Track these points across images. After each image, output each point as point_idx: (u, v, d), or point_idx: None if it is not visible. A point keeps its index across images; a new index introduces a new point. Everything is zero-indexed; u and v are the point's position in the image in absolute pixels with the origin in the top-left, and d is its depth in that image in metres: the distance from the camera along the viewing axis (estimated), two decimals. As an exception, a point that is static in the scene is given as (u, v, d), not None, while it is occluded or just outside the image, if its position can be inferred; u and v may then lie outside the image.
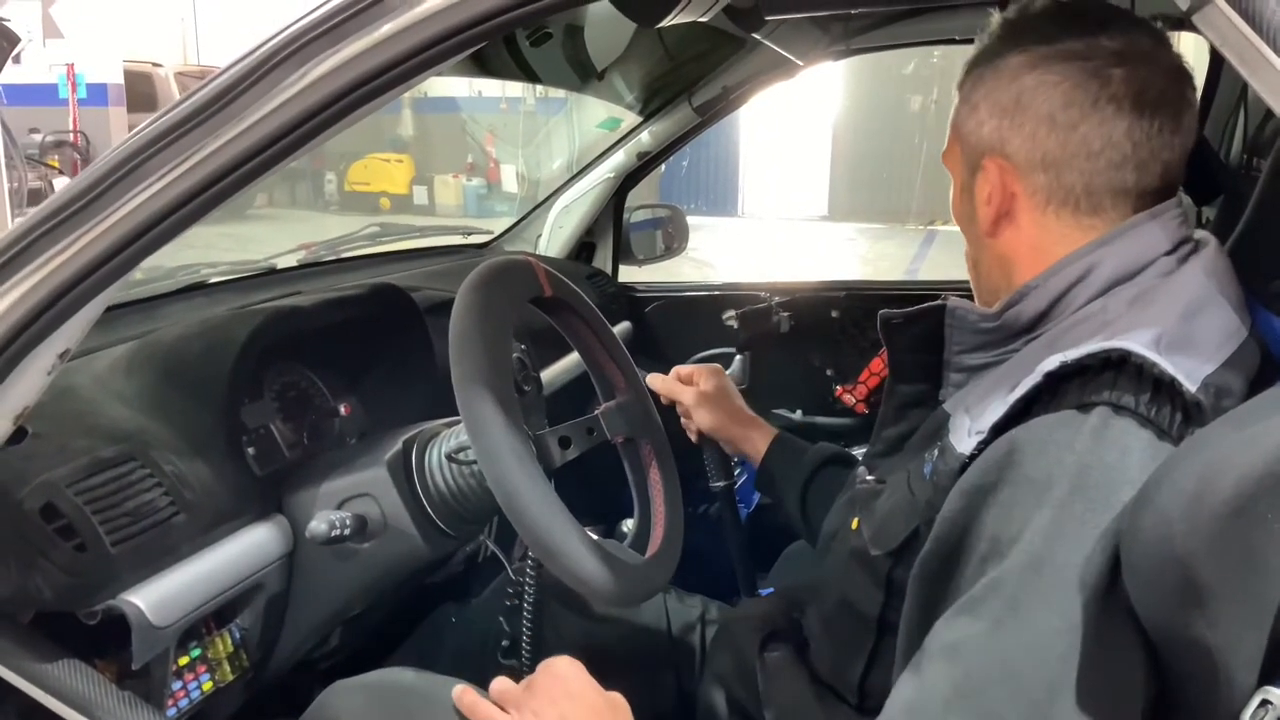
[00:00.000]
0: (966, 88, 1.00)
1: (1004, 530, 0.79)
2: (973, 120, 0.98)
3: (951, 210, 1.08)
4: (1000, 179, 0.96)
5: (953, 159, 1.05)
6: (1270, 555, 0.70)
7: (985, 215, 0.98)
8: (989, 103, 0.96)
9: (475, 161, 15.16)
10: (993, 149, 0.96)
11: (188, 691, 1.14)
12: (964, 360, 1.00)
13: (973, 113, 0.98)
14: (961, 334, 0.99)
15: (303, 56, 0.89)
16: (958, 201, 1.05)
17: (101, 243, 0.92)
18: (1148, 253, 0.91)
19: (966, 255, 1.08)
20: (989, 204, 0.97)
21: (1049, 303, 0.92)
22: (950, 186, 1.07)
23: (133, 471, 1.09)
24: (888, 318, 1.06)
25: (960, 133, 1.01)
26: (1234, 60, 0.75)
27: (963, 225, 1.05)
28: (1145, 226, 0.92)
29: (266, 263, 1.96)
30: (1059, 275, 0.92)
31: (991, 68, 0.96)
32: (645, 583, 1.16)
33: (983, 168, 0.97)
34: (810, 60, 2.02)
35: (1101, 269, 0.90)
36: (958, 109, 1.01)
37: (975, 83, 0.98)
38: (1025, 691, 0.74)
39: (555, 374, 2.03)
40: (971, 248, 1.05)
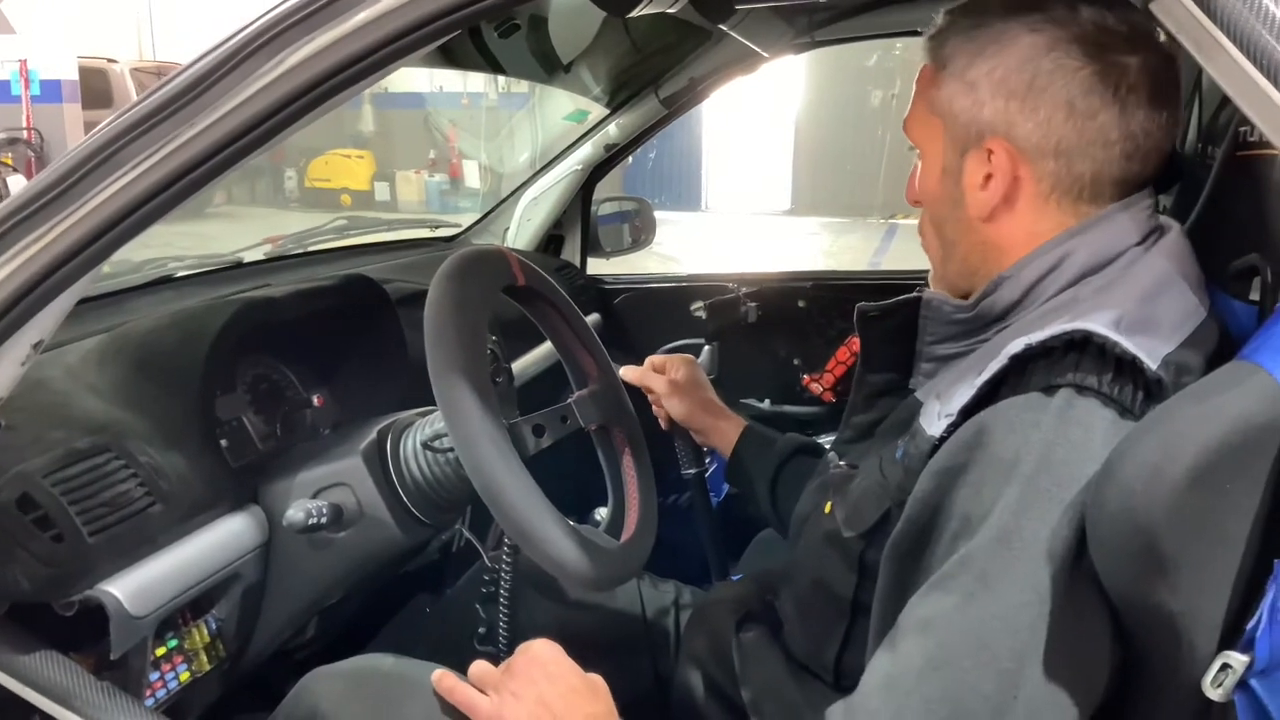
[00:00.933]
0: (957, 62, 0.95)
1: (974, 508, 0.81)
2: (968, 98, 0.95)
3: (918, 192, 1.04)
4: (1009, 164, 0.94)
5: (929, 137, 1.00)
6: (1229, 524, 0.72)
7: (980, 200, 0.96)
8: (993, 82, 0.92)
9: (437, 157, 15.07)
10: (995, 131, 0.93)
11: (165, 682, 1.14)
12: (936, 350, 1.02)
13: (968, 90, 0.94)
14: (935, 325, 1.01)
15: (277, 45, 0.89)
16: (933, 183, 1.01)
17: (75, 232, 0.92)
18: (1118, 243, 0.93)
19: (932, 238, 1.05)
20: (985, 188, 0.95)
21: (1022, 292, 0.93)
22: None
23: (108, 462, 1.09)
24: (865, 310, 1.07)
25: (947, 110, 0.96)
26: (1191, 48, 0.77)
27: (937, 208, 1.02)
28: (1117, 217, 0.94)
29: (234, 256, 1.94)
30: (1032, 265, 0.93)
31: (994, 43, 0.92)
32: (621, 567, 1.18)
33: (984, 150, 0.94)
34: (776, 52, 2.04)
35: (1074, 259, 0.92)
36: (939, 83, 0.97)
37: (971, 57, 0.94)
38: (995, 661, 0.76)
39: (524, 365, 2.03)
40: (947, 231, 1.02)
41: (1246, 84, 0.74)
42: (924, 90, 1.00)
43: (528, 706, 0.97)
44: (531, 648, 1.01)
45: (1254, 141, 1.01)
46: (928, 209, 1.05)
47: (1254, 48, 0.73)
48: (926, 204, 1.04)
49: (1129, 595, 0.75)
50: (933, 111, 0.99)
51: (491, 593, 1.34)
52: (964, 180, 0.97)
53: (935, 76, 0.98)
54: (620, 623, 1.39)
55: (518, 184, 2.59)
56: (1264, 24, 0.73)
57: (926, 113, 1.00)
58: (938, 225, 1.04)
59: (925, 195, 1.04)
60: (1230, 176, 1.06)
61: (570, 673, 1.00)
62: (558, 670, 0.99)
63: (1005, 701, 0.75)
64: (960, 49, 0.95)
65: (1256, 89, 0.74)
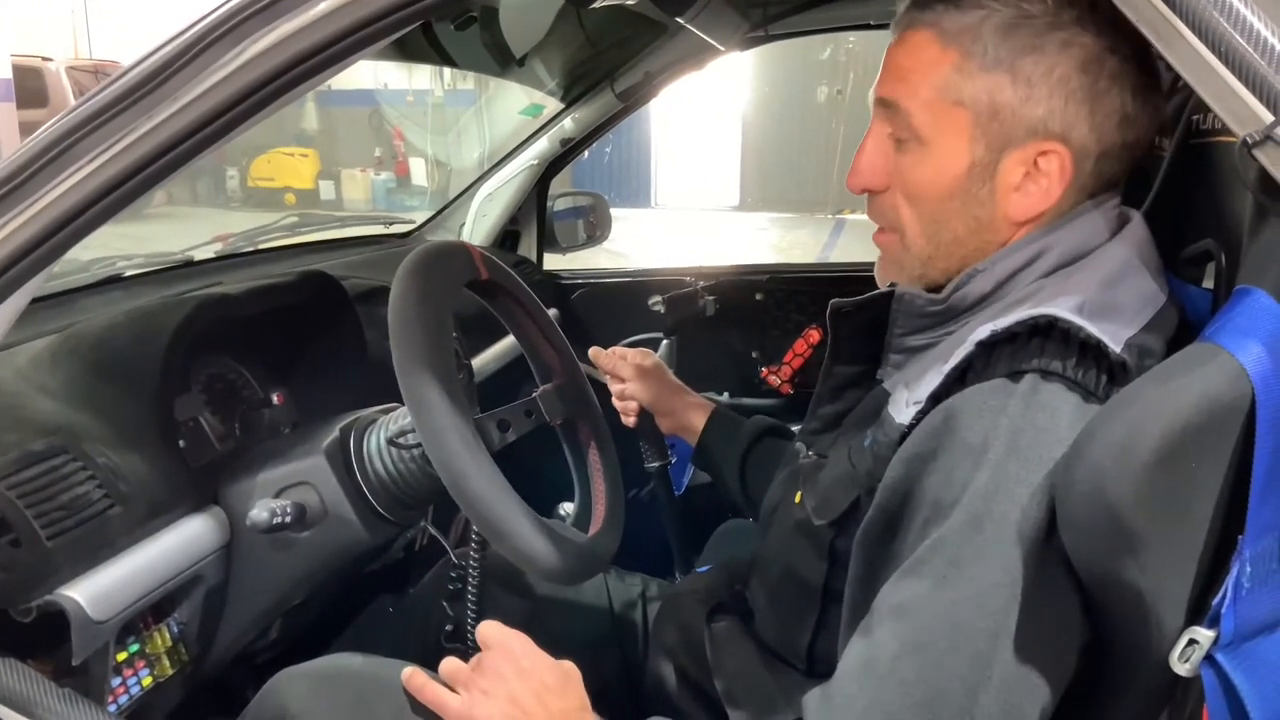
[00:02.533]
0: (997, 52, 0.89)
1: (944, 493, 0.82)
2: (1017, 95, 0.90)
3: (883, 174, 0.97)
4: (1061, 167, 0.91)
5: (946, 126, 0.93)
6: (1194, 502, 0.74)
7: (1017, 201, 0.93)
8: (1053, 80, 0.89)
9: (383, 155, 14.91)
10: (1051, 133, 0.90)
11: (127, 687, 1.11)
12: (905, 342, 1.02)
13: (1021, 87, 0.89)
14: (907, 318, 1.01)
15: (237, 35, 0.88)
16: (946, 177, 0.94)
17: (30, 229, 0.90)
18: (1092, 239, 0.93)
19: (918, 235, 0.98)
20: (1020, 190, 0.92)
21: (994, 285, 0.94)
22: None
23: (65, 464, 1.06)
24: (839, 307, 1.06)
25: (985, 102, 0.91)
26: (1149, 34, 0.79)
27: (942, 204, 0.95)
28: (1092, 215, 0.95)
29: (184, 255, 1.90)
30: (1007, 259, 0.93)
31: (1055, 41, 0.88)
32: (590, 560, 1.18)
33: (1030, 150, 0.91)
34: (731, 46, 2.05)
35: (1050, 255, 0.92)
36: (967, 72, 0.90)
37: (1024, 52, 0.89)
38: (970, 642, 0.77)
39: (484, 362, 2.02)
40: (953, 227, 0.96)
41: (1205, 71, 0.76)
42: (933, 75, 0.92)
43: (498, 704, 0.95)
44: (503, 642, 0.99)
45: (1207, 129, 1.03)
46: (923, 204, 0.96)
47: (1212, 35, 0.75)
48: (923, 199, 0.96)
49: (1098, 573, 0.77)
50: (957, 102, 0.92)
51: (459, 589, 1.33)
52: (998, 178, 0.93)
53: (961, 63, 0.91)
54: (588, 616, 1.39)
55: (467, 181, 2.57)
56: (1221, 12, 0.75)
57: (944, 101, 0.92)
58: (933, 220, 0.97)
59: (928, 189, 0.95)
60: (1183, 164, 1.08)
61: (541, 667, 0.98)
62: (529, 665, 0.98)
63: (980, 681, 0.76)
64: (1002, 40, 0.89)
65: (1215, 76, 0.76)
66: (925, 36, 0.93)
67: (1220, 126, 0.99)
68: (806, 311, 2.46)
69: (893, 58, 0.96)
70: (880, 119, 0.97)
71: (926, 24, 0.93)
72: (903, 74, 0.94)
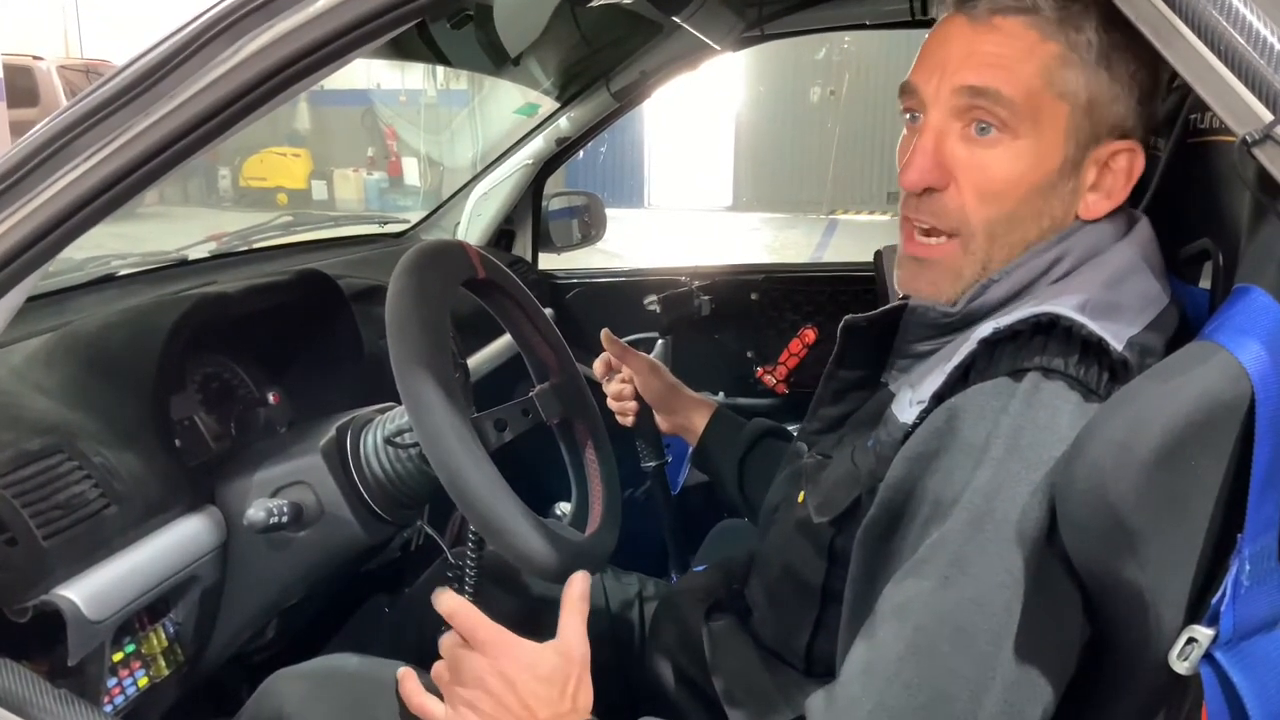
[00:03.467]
0: (1094, 48, 0.87)
1: (945, 493, 0.82)
2: (1111, 91, 0.89)
3: (948, 167, 0.91)
4: (1133, 166, 0.91)
5: (1043, 118, 0.89)
6: (1194, 500, 0.74)
7: (1089, 200, 0.92)
8: (1135, 80, 0.89)
9: (376, 155, 14.89)
10: (1126, 132, 0.91)
11: (123, 688, 1.11)
12: (914, 348, 1.02)
13: (1114, 84, 0.89)
14: (918, 328, 1.01)
15: (236, 32, 0.87)
16: (1034, 170, 0.90)
17: (26, 226, 0.89)
18: (1104, 244, 0.93)
19: (983, 239, 0.92)
20: (1094, 189, 0.92)
21: (1009, 293, 0.93)
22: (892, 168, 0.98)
23: (61, 464, 1.06)
24: (853, 323, 1.05)
25: (1084, 97, 0.88)
26: (1149, 35, 0.78)
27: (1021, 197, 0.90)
28: (1108, 219, 0.94)
29: (179, 254, 1.90)
30: (1025, 267, 0.92)
31: (1134, 40, 0.82)
32: (587, 559, 1.17)
33: (1109, 148, 0.90)
34: (727, 45, 2.05)
35: (1066, 261, 0.92)
36: (1072, 66, 0.88)
37: (1116, 48, 0.88)
38: (973, 644, 0.77)
39: (478, 362, 2.02)
40: (1024, 220, 0.91)
41: (1204, 70, 0.76)
42: (1034, 63, 0.88)
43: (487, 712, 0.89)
44: (492, 646, 0.91)
45: (1204, 128, 1.03)
46: (1003, 202, 0.91)
47: (1211, 34, 0.75)
48: (1005, 196, 0.91)
49: (1098, 572, 0.77)
50: (1059, 94, 0.88)
51: (455, 589, 1.32)
52: (1081, 175, 0.91)
53: (1065, 54, 0.87)
54: (585, 616, 1.38)
55: (460, 181, 2.57)
56: (1221, 11, 0.75)
57: (1047, 92, 0.88)
58: (1013, 222, 0.91)
59: (1006, 183, 0.90)
60: (1180, 164, 1.09)
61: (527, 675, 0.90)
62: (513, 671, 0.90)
63: (984, 682, 0.76)
64: (1105, 34, 0.87)
65: (1214, 75, 0.76)
66: (1022, 24, 0.88)
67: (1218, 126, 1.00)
68: (802, 311, 2.46)
69: (977, 44, 0.89)
70: (950, 112, 0.91)
71: (1022, 10, 0.88)
72: (999, 61, 0.88)
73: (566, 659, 0.92)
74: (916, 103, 0.94)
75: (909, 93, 0.95)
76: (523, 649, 0.92)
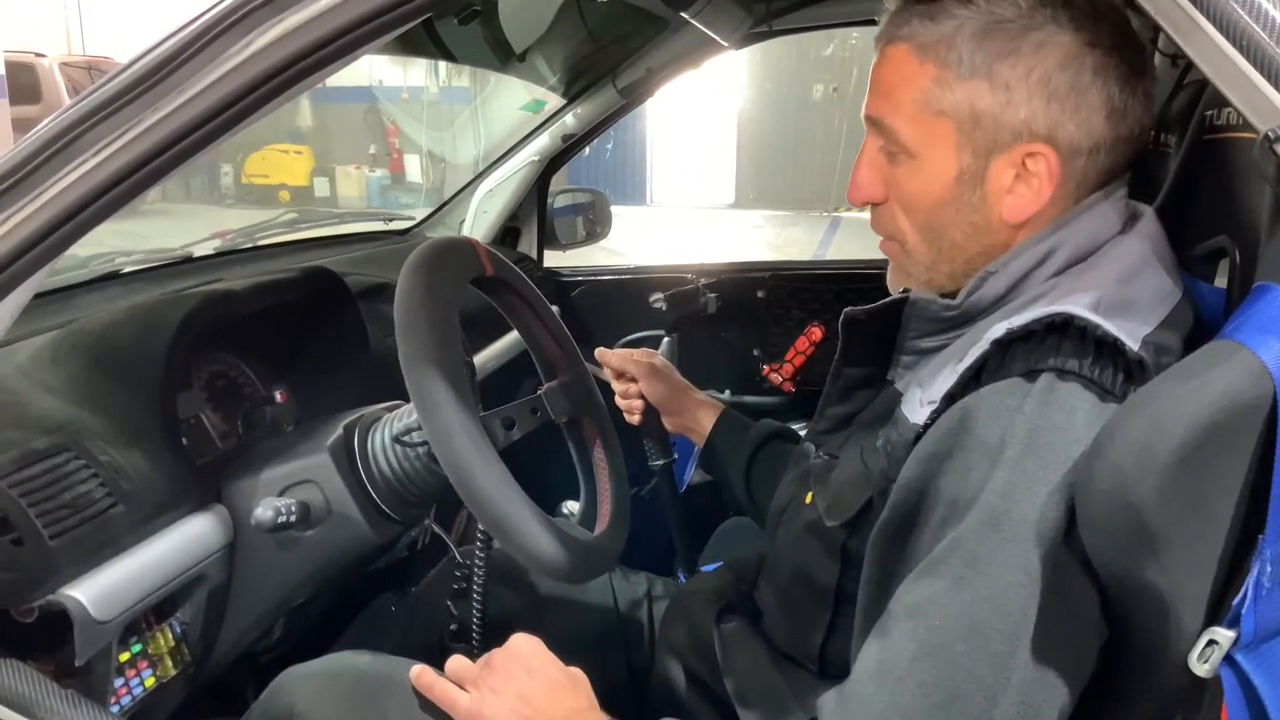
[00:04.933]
0: (973, 60, 0.89)
1: (961, 492, 0.81)
2: (996, 100, 0.90)
3: (880, 187, 0.98)
4: (1049, 167, 0.91)
5: (932, 138, 0.93)
6: (1215, 501, 0.73)
7: (1011, 204, 0.93)
8: (1032, 82, 0.88)
9: (378, 152, 14.88)
10: (1036, 134, 0.90)
11: (130, 688, 1.10)
12: (918, 344, 1.02)
13: (999, 92, 0.89)
14: (920, 323, 1.00)
15: (245, 26, 0.87)
16: (938, 187, 0.94)
17: (34, 222, 0.89)
18: (1103, 233, 0.93)
19: (919, 244, 0.98)
20: (1013, 192, 0.92)
21: (1008, 286, 0.93)
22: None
23: (67, 462, 1.05)
24: (853, 316, 1.06)
25: (966, 110, 0.91)
26: (1169, 30, 0.78)
27: (937, 213, 0.95)
28: (1100, 207, 0.94)
29: (183, 251, 1.89)
30: (1020, 259, 0.93)
31: (1028, 42, 0.88)
32: (597, 558, 1.17)
33: (1018, 153, 0.91)
34: (734, 41, 2.04)
35: (1061, 252, 0.92)
36: (945, 82, 0.91)
37: (997, 56, 0.89)
38: (988, 644, 0.76)
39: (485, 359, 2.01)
40: (952, 235, 0.96)
41: (1225, 65, 0.75)
42: (913, 88, 0.92)
43: (508, 701, 0.96)
44: (512, 642, 1.00)
45: (1221, 125, 1.02)
46: (919, 214, 0.97)
47: (1232, 28, 0.74)
48: (917, 209, 0.97)
49: (1118, 574, 0.76)
50: (939, 112, 0.92)
51: (463, 588, 1.32)
52: (988, 183, 0.93)
53: (940, 74, 0.91)
54: (594, 616, 1.38)
55: (462, 178, 2.55)
56: (1242, 4, 0.74)
57: (926, 113, 0.92)
58: (932, 230, 0.97)
59: (922, 200, 0.96)
60: (1196, 160, 1.08)
61: (551, 666, 0.98)
62: (538, 664, 0.98)
63: (999, 683, 0.75)
64: (978, 47, 0.89)
65: (1235, 69, 0.75)
66: (902, 51, 0.93)
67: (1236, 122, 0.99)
68: (808, 309, 2.45)
69: (876, 75, 0.96)
70: (872, 134, 0.98)
71: (903, 38, 0.93)
72: (885, 90, 0.95)
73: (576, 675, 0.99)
74: None
75: None
76: (547, 652, 0.99)
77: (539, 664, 0.98)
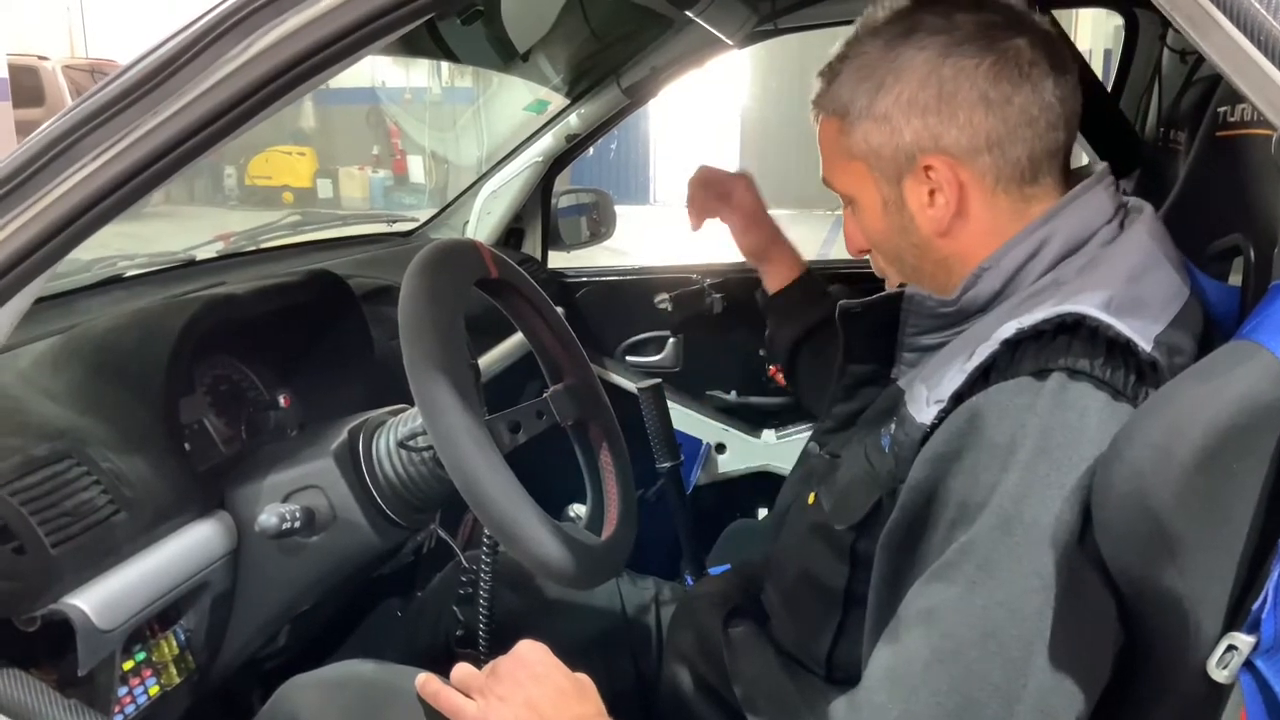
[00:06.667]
0: (857, 104, 0.97)
1: (972, 495, 0.80)
2: (882, 131, 0.96)
3: (864, 239, 1.06)
4: (950, 174, 0.94)
5: (856, 183, 1.02)
6: (1235, 504, 0.72)
7: (933, 218, 0.97)
8: (903, 106, 0.94)
9: (381, 153, 14.89)
10: (924, 149, 0.95)
11: (134, 697, 1.09)
12: (918, 341, 1.02)
13: (881, 123, 0.96)
14: (918, 318, 1.01)
15: (245, 28, 0.86)
16: (877, 221, 1.02)
17: (33, 228, 0.88)
18: (1093, 222, 0.93)
19: (894, 274, 1.06)
20: (933, 205, 0.96)
21: (1003, 281, 0.94)
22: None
23: (69, 470, 1.04)
24: (847, 308, 1.09)
25: (866, 149, 0.98)
26: (1184, 25, 0.76)
27: (888, 243, 1.03)
28: (1086, 197, 0.94)
29: (186, 254, 1.88)
30: (1011, 253, 0.94)
31: (890, 73, 0.94)
32: (604, 564, 1.15)
33: (920, 169, 0.95)
34: (739, 40, 2.02)
35: (1052, 244, 0.92)
36: (846, 130, 0.99)
37: (872, 95, 0.96)
38: (1002, 649, 0.75)
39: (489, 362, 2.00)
40: (907, 259, 1.03)
41: (1243, 61, 0.74)
42: (833, 145, 1.02)
43: (514, 709, 0.94)
44: (518, 649, 0.99)
45: (1235, 121, 1.01)
46: (880, 250, 1.06)
47: (1250, 23, 0.73)
48: (877, 245, 1.06)
49: (1136, 578, 0.75)
50: (851, 157, 1.00)
51: (469, 594, 1.31)
52: (909, 205, 0.98)
53: (842, 125, 0.99)
54: (601, 621, 1.37)
55: (465, 179, 2.54)
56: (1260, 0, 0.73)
57: (845, 161, 1.02)
58: (895, 259, 1.05)
59: (874, 236, 1.05)
60: (1209, 157, 1.07)
61: (557, 673, 0.97)
62: (544, 671, 0.97)
63: (1014, 690, 0.75)
64: (856, 91, 0.97)
65: (1253, 66, 0.73)
66: (820, 118, 1.04)
67: (1251, 119, 0.98)
68: (814, 309, 2.43)
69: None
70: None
71: (819, 107, 1.03)
72: (822, 156, 1.05)
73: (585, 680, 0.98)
74: None
75: None
76: (554, 658, 0.98)
77: (545, 670, 0.97)
